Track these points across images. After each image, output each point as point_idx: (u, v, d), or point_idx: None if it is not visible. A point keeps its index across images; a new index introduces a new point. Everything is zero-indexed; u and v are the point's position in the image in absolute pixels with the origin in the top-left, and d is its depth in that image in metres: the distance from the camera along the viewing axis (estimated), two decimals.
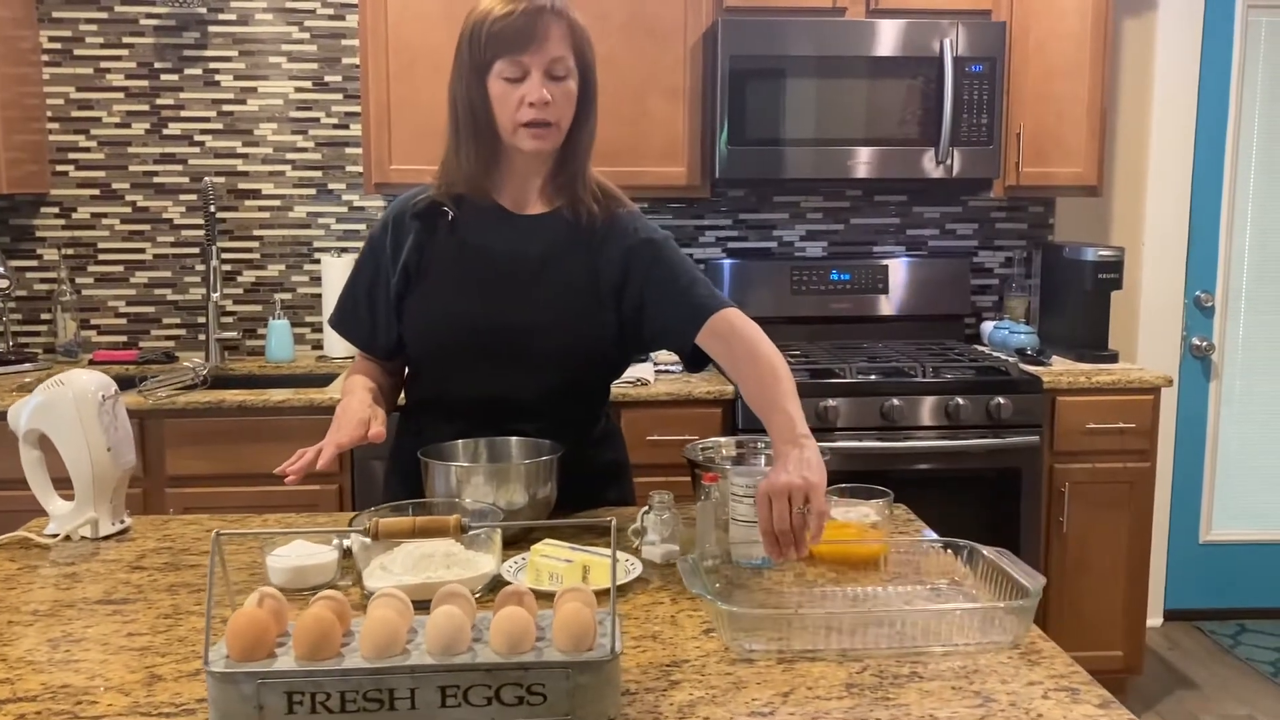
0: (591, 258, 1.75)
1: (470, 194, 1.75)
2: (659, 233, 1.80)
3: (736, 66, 3.17)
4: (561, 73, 1.66)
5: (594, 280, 1.75)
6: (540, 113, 1.64)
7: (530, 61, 1.63)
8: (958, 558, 1.49)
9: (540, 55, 1.64)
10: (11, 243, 3.48)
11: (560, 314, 1.74)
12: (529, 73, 1.64)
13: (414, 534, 1.18)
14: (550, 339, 1.74)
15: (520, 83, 1.64)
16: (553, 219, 1.76)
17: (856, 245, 3.72)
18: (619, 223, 1.78)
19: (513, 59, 1.63)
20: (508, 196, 1.76)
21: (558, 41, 1.65)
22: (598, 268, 1.75)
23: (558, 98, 1.65)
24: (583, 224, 1.76)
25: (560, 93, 1.66)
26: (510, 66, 1.64)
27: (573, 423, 1.82)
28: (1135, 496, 3.17)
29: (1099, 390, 3.12)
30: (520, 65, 1.64)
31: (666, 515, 1.59)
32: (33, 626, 1.37)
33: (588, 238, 1.75)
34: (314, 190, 3.54)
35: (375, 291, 1.80)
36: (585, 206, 1.75)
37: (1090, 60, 3.33)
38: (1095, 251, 3.31)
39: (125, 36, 3.44)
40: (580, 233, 1.75)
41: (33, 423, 1.73)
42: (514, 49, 1.63)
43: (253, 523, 1.84)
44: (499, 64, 1.64)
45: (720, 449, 1.84)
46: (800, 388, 2.93)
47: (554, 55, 1.64)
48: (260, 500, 2.93)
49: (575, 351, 1.76)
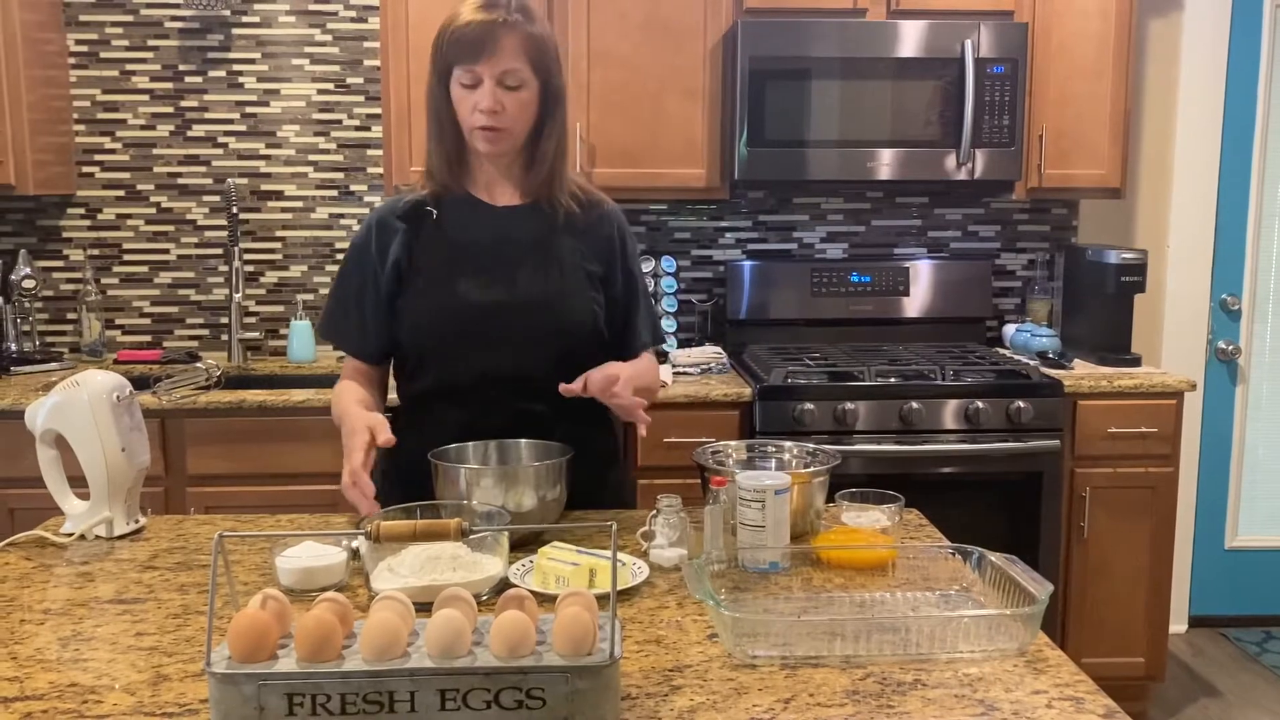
0: (577, 241, 1.86)
1: (448, 189, 1.85)
2: (633, 241, 1.95)
3: (756, 67, 3.16)
4: (513, 83, 1.75)
5: (582, 260, 1.86)
6: (490, 119, 1.75)
7: (482, 71, 1.73)
8: (966, 563, 1.48)
9: (492, 65, 1.73)
10: (38, 243, 3.52)
11: (554, 289, 1.83)
12: (481, 81, 1.74)
13: (415, 537, 1.19)
14: (548, 314, 1.82)
15: (474, 89, 1.74)
16: (531, 210, 1.86)
17: (877, 247, 3.71)
18: (603, 214, 1.91)
19: (467, 67, 1.74)
20: (481, 189, 1.87)
21: (510, 53, 1.73)
22: (583, 249, 1.86)
23: (509, 106, 1.75)
24: (561, 217, 1.86)
25: (512, 101, 1.75)
26: (465, 74, 1.74)
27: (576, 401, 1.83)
28: (1158, 502, 3.14)
29: (1121, 394, 3.09)
30: (473, 74, 1.74)
31: (675, 519, 1.59)
32: (44, 625, 1.39)
33: (570, 224, 1.86)
34: (336, 191, 3.56)
35: (364, 296, 1.86)
36: (563, 207, 1.86)
37: (1114, 60, 3.30)
38: (1118, 254, 3.28)
39: (150, 39, 3.47)
40: (562, 220, 1.86)
41: (49, 423, 1.75)
42: (468, 58, 1.73)
43: (265, 523, 1.85)
44: (456, 70, 1.75)
45: (731, 453, 1.83)
46: (819, 390, 2.99)
47: (506, 67, 1.74)
48: (280, 500, 2.96)
49: (572, 323, 1.84)
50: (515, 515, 1.65)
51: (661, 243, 3.63)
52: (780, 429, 2.97)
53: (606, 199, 1.95)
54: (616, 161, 3.25)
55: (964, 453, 3.01)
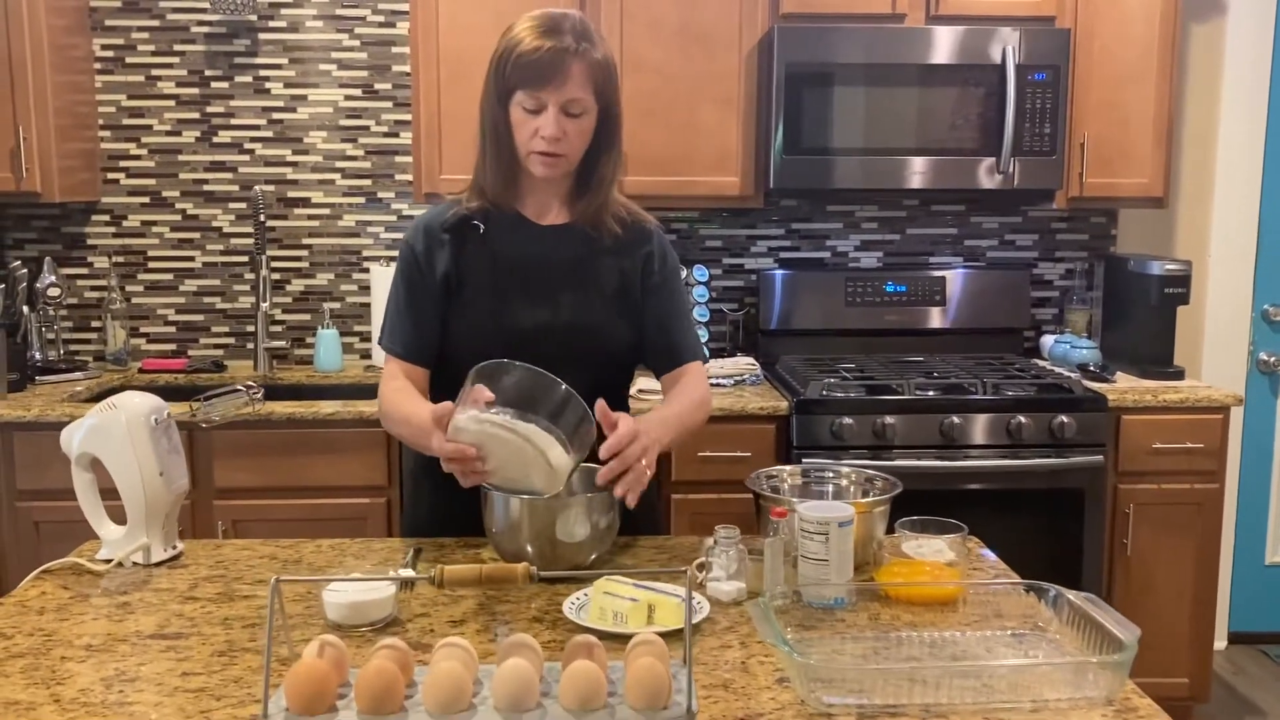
0: (618, 261, 1.86)
1: (496, 205, 1.83)
2: (674, 256, 1.93)
3: (793, 73, 3.11)
4: (577, 111, 1.74)
5: (623, 283, 1.85)
6: (551, 146, 1.74)
7: (548, 98, 1.72)
8: (1041, 601, 1.42)
9: (558, 94, 1.72)
10: (63, 251, 3.48)
11: (594, 312, 1.83)
12: (545, 108, 1.72)
13: (480, 583, 1.13)
14: (588, 337, 1.82)
15: (537, 115, 1.73)
16: (575, 230, 1.85)
17: (912, 256, 3.64)
18: (643, 232, 1.89)
19: (532, 93, 1.72)
20: (530, 208, 1.86)
21: (577, 83, 1.72)
22: (624, 270, 1.86)
23: (570, 133, 1.74)
24: (605, 239, 1.85)
25: (574, 128, 1.75)
26: (529, 99, 1.73)
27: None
28: (1203, 519, 3.07)
29: (1166, 409, 3.02)
30: (538, 100, 1.72)
31: (733, 551, 1.53)
32: (86, 663, 1.34)
33: (612, 243, 1.85)
34: (363, 199, 3.51)
35: (417, 303, 1.86)
36: (607, 229, 1.85)
37: (1158, 67, 3.23)
38: (1162, 265, 3.21)
39: (176, 44, 3.42)
40: (606, 242, 1.85)
41: (85, 446, 1.70)
42: (534, 84, 1.71)
43: (306, 548, 1.80)
44: (519, 94, 1.73)
45: (785, 478, 1.78)
46: (857, 404, 2.93)
47: (571, 96, 1.72)
48: (309, 513, 2.92)
49: (610, 348, 1.85)
50: (567, 545, 1.60)
51: (692, 251, 3.57)
52: (817, 444, 2.92)
53: (650, 219, 1.93)
54: (650, 170, 3.19)
55: (1006, 469, 2.94)
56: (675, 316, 1.91)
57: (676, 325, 1.91)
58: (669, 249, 1.93)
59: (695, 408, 1.85)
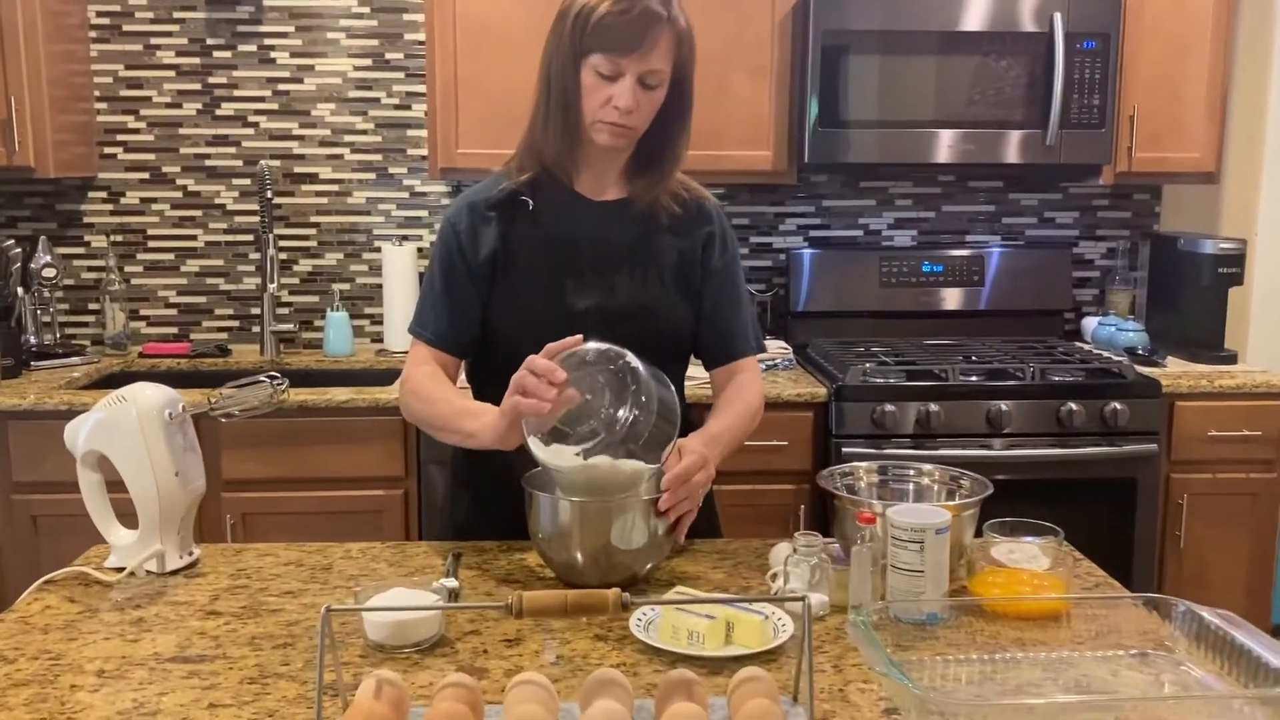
0: (677, 241, 1.73)
1: (551, 172, 1.70)
2: (735, 238, 1.81)
3: (829, 42, 2.94)
4: (654, 83, 1.61)
5: (680, 262, 1.73)
6: (622, 118, 1.61)
7: (629, 66, 1.58)
8: (1165, 619, 1.27)
9: (641, 63, 1.58)
10: (58, 229, 3.30)
11: (651, 295, 1.70)
12: (623, 75, 1.58)
13: (567, 613, 0.98)
14: (644, 321, 1.69)
15: (611, 82, 1.59)
16: (631, 207, 1.72)
17: (948, 234, 3.49)
18: (703, 211, 1.76)
19: (611, 58, 1.58)
20: (585, 180, 1.72)
21: (661, 52, 1.59)
22: (682, 250, 1.73)
23: (643, 105, 1.61)
24: (663, 217, 1.73)
25: (647, 100, 1.62)
26: (606, 64, 1.58)
27: None
28: (1259, 509, 2.94)
29: (1222, 395, 2.88)
30: (616, 66, 1.58)
31: (814, 560, 1.39)
32: (99, 693, 1.19)
33: (671, 222, 1.73)
34: (373, 174, 3.35)
35: (453, 290, 1.70)
36: (665, 207, 1.72)
37: (1212, 35, 3.08)
38: (1215, 244, 3.07)
39: (176, 11, 3.24)
40: (664, 220, 1.73)
41: (91, 443, 1.55)
42: (616, 49, 1.57)
43: (335, 554, 1.64)
44: (595, 57, 1.59)
45: (860, 475, 1.62)
46: (900, 390, 2.77)
47: (653, 66, 1.59)
48: (322, 506, 2.77)
49: (667, 332, 1.72)
50: (625, 553, 1.45)
51: None
52: (859, 432, 2.77)
53: (708, 195, 1.79)
54: None
55: (1056, 458, 2.80)
56: (733, 304, 1.78)
57: (734, 314, 1.78)
58: (730, 230, 1.80)
59: (748, 420, 1.73)
